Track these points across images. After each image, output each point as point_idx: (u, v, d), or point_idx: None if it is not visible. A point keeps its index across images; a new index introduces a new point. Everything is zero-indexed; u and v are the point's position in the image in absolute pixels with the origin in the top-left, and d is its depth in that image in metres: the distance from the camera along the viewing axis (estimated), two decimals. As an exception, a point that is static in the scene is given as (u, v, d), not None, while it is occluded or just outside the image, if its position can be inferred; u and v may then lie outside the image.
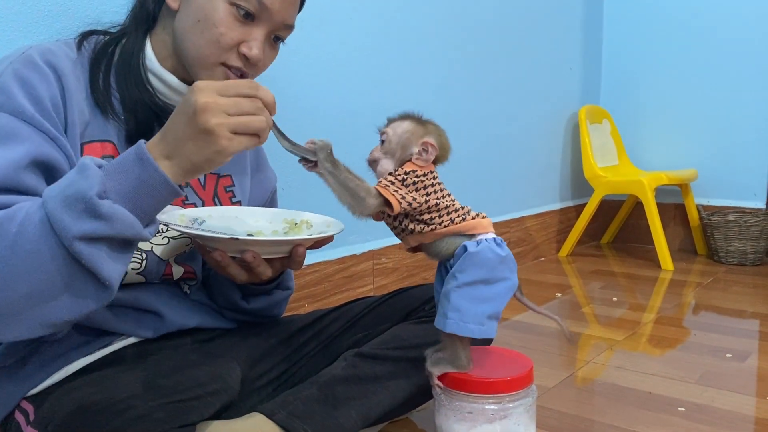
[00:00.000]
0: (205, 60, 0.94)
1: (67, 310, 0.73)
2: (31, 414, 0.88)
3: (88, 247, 0.70)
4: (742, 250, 2.52)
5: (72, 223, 0.69)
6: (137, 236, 0.74)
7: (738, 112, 2.70)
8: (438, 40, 2.08)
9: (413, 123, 0.94)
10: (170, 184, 0.75)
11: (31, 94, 0.83)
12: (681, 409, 1.23)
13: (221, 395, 0.95)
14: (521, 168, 2.57)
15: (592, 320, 1.85)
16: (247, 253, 0.89)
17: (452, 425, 0.91)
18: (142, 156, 0.74)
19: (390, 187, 0.88)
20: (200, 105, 0.73)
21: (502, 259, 0.91)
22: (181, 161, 0.76)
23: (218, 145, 0.74)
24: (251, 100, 0.77)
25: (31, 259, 0.70)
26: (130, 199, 0.74)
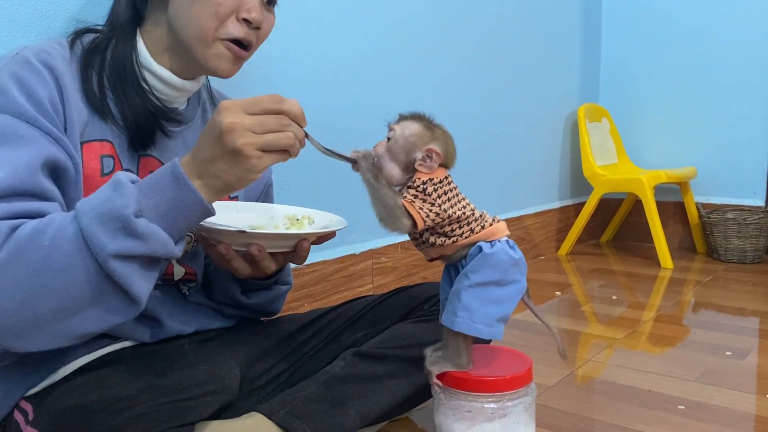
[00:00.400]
0: (205, 35, 0.94)
1: (93, 323, 0.74)
2: (30, 413, 0.88)
3: (122, 264, 0.72)
4: (741, 248, 2.52)
5: (108, 241, 0.71)
6: (169, 255, 0.76)
7: (737, 109, 2.70)
8: (437, 39, 2.08)
9: (422, 127, 0.93)
10: (205, 205, 0.77)
11: (30, 95, 0.83)
12: (681, 407, 1.23)
13: (220, 395, 0.95)
14: (520, 167, 2.56)
15: (591, 319, 1.85)
16: (253, 246, 0.90)
17: (451, 424, 0.90)
18: (178, 176, 0.75)
19: (415, 203, 0.88)
20: (226, 126, 0.75)
21: (515, 261, 0.91)
22: (212, 181, 0.77)
23: (248, 164, 0.76)
24: (277, 117, 0.78)
25: (63, 275, 0.71)
26: (165, 218, 0.75)
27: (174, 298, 1.04)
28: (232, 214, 1.03)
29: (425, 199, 0.88)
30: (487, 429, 0.89)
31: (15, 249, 0.70)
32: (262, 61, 1.51)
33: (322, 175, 1.70)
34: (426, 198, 0.88)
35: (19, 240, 0.71)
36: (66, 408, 0.84)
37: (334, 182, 1.73)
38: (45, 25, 1.09)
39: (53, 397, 0.87)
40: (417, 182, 0.89)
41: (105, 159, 0.92)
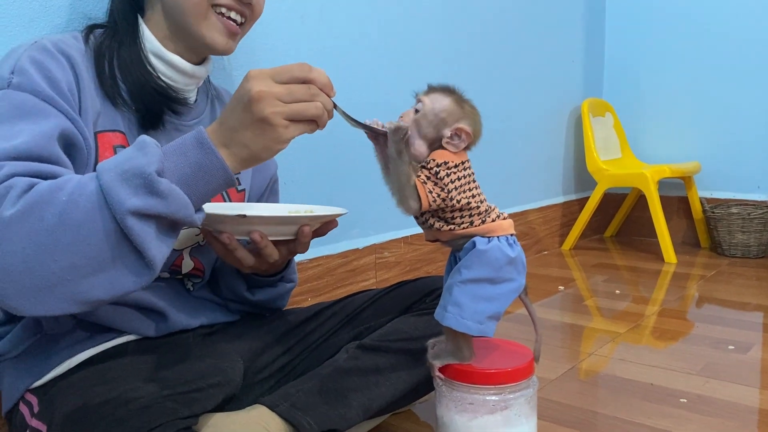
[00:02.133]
0: (199, 10, 0.95)
1: (105, 288, 0.71)
2: (35, 406, 0.89)
3: (140, 223, 0.69)
4: (745, 242, 2.52)
5: (127, 197, 0.69)
6: (188, 218, 0.73)
7: (742, 104, 2.69)
8: (440, 34, 2.07)
9: (453, 102, 0.90)
10: (227, 171, 0.75)
11: (49, 78, 0.85)
12: (683, 401, 1.23)
13: (223, 387, 0.96)
14: (524, 161, 2.56)
15: (594, 313, 1.85)
16: (254, 233, 0.89)
17: (453, 416, 0.91)
18: (202, 141, 0.74)
19: (427, 184, 0.86)
20: (254, 94, 0.74)
21: (510, 260, 0.89)
22: (238, 150, 0.76)
23: (275, 133, 0.75)
24: (305, 86, 0.77)
25: (78, 230, 0.68)
26: (187, 182, 0.73)
27: (178, 293, 1.04)
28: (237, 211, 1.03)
29: (436, 182, 0.86)
30: (488, 421, 0.89)
31: (31, 203, 0.69)
32: (264, 55, 1.51)
33: (325, 171, 1.70)
34: (437, 182, 0.86)
35: (35, 194, 0.69)
36: (70, 401, 0.84)
37: (338, 178, 1.73)
38: (49, 19, 1.09)
39: (58, 390, 0.88)
40: (431, 164, 0.87)
41: (118, 149, 0.93)
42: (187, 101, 1.03)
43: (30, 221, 0.68)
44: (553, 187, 2.77)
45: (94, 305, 0.72)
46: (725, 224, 2.54)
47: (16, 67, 0.84)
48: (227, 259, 0.97)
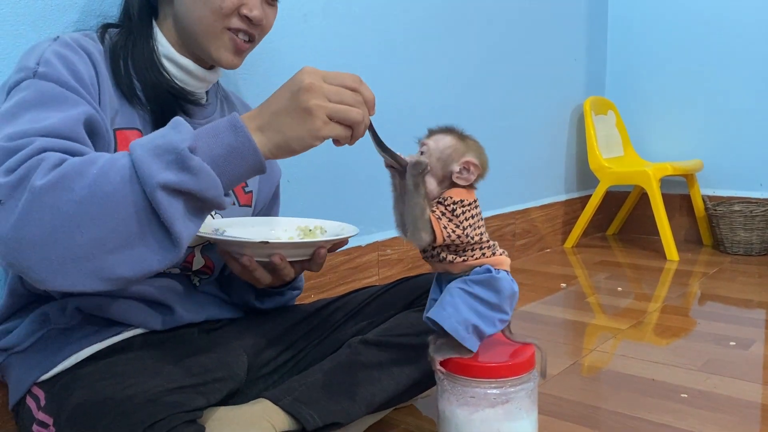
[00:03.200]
0: (210, 29, 0.98)
1: (129, 264, 0.71)
2: (42, 399, 0.90)
3: (169, 197, 0.70)
4: (747, 240, 2.52)
5: (158, 171, 0.69)
6: (217, 199, 0.74)
7: (744, 102, 2.69)
8: (443, 32, 2.08)
9: (455, 139, 0.93)
10: (258, 155, 0.76)
11: (73, 70, 0.87)
12: (684, 396, 1.24)
13: (228, 382, 0.97)
14: (526, 159, 2.57)
15: (596, 310, 1.85)
16: (275, 256, 0.92)
17: (454, 410, 0.92)
18: (236, 124, 0.76)
19: (441, 220, 0.89)
20: (306, 84, 0.76)
21: (513, 293, 0.93)
22: (274, 135, 0.77)
23: (313, 125, 0.77)
24: (353, 93, 0.80)
25: (107, 202, 0.69)
26: (218, 162, 0.74)
27: (185, 288, 1.05)
28: (248, 229, 1.07)
29: (451, 219, 0.89)
30: (489, 415, 0.90)
31: (62, 174, 0.69)
32: (267, 55, 1.52)
33: (328, 169, 1.71)
34: (452, 218, 0.89)
35: (67, 167, 0.70)
36: (76, 394, 0.86)
37: (340, 175, 1.74)
38: (55, 18, 1.10)
39: (64, 384, 0.89)
40: (448, 201, 0.90)
41: None
42: (200, 102, 1.05)
43: (60, 192, 0.69)
44: (555, 184, 2.78)
45: (119, 283, 0.72)
46: (727, 222, 2.54)
47: (41, 59, 0.86)
48: (244, 277, 0.99)
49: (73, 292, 0.91)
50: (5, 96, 0.84)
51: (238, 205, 1.11)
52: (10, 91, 0.84)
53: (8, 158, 0.72)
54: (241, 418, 0.93)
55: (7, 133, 0.75)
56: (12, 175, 0.70)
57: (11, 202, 0.69)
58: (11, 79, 0.86)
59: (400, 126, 1.90)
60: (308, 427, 0.95)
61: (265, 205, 1.21)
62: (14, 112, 0.79)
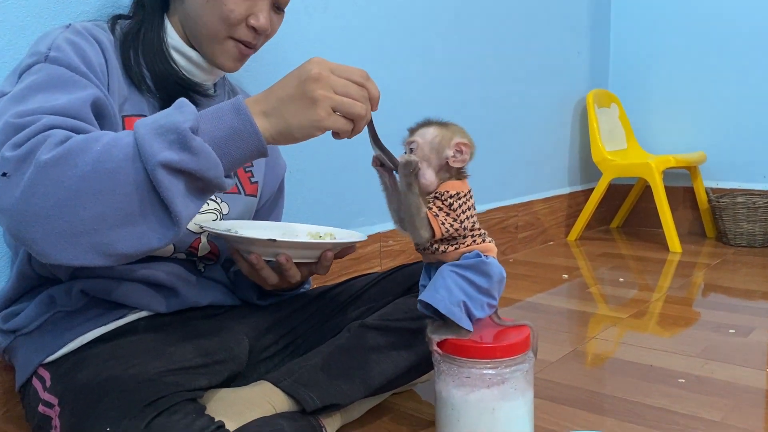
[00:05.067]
0: (216, 36, 1.00)
1: (130, 241, 0.72)
2: (48, 380, 0.92)
3: (169, 176, 0.71)
4: (750, 231, 2.52)
5: (160, 149, 0.71)
6: (217, 179, 0.75)
7: (747, 94, 2.69)
8: (446, 24, 2.09)
9: (438, 127, 0.95)
10: (260, 139, 0.77)
11: (83, 56, 0.90)
12: (681, 381, 1.25)
13: (229, 364, 0.99)
14: (529, 152, 2.58)
15: (597, 300, 1.87)
16: (281, 255, 0.94)
17: (451, 390, 0.93)
18: (239, 107, 0.77)
19: (439, 216, 0.91)
20: (314, 74, 0.78)
21: (502, 278, 0.95)
22: (277, 121, 0.78)
23: (316, 115, 0.78)
24: (359, 88, 0.81)
25: (109, 178, 0.71)
26: (219, 144, 0.75)
27: (190, 273, 1.07)
28: (261, 231, 1.09)
29: (449, 213, 0.91)
30: (485, 395, 0.91)
31: (67, 150, 0.71)
32: (270, 48, 1.53)
33: (330, 160, 1.73)
34: (450, 213, 0.91)
35: (72, 143, 0.72)
36: (81, 375, 0.88)
37: (343, 166, 1.76)
38: (58, 10, 1.12)
39: (70, 365, 0.92)
40: (444, 195, 0.92)
41: None
42: (208, 92, 1.07)
43: (64, 167, 0.71)
44: (558, 177, 2.78)
45: (119, 259, 0.74)
46: (730, 213, 2.54)
47: (53, 44, 0.89)
48: (252, 276, 1.01)
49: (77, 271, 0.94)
50: (17, 79, 0.87)
51: (243, 195, 1.13)
52: (21, 75, 0.87)
53: (16, 134, 0.74)
54: (241, 399, 0.95)
55: (17, 111, 0.77)
56: (19, 149, 0.72)
57: (17, 175, 0.71)
58: (23, 63, 0.89)
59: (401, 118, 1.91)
60: (308, 408, 0.97)
61: (270, 198, 1.23)
62: (25, 93, 0.82)
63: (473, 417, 0.92)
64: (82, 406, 0.84)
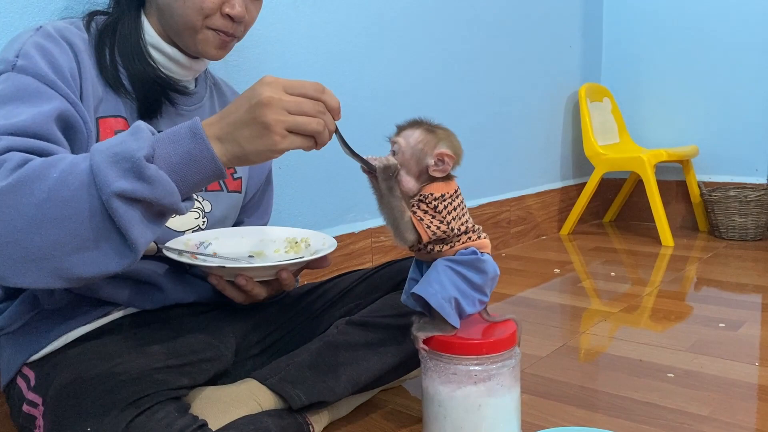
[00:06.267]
0: (191, 27, 0.98)
1: (88, 266, 0.72)
2: (32, 379, 0.92)
3: (124, 205, 0.71)
4: (742, 225, 2.53)
5: (114, 179, 0.70)
6: (174, 206, 0.74)
7: (739, 87, 2.69)
8: (437, 18, 2.09)
9: (424, 132, 0.93)
10: (217, 163, 0.76)
11: (52, 62, 0.88)
12: (670, 375, 1.25)
13: (215, 363, 0.99)
14: (522, 146, 2.58)
15: (589, 294, 1.87)
16: (239, 277, 0.94)
17: (437, 387, 0.93)
18: (196, 131, 0.76)
19: (424, 219, 0.90)
20: (264, 98, 0.75)
21: (496, 276, 0.95)
22: (232, 146, 0.77)
23: (270, 140, 0.76)
24: (314, 103, 0.79)
25: (65, 206, 0.70)
26: (176, 169, 0.75)
27: (176, 270, 1.06)
28: (237, 239, 1.09)
29: (434, 215, 0.91)
30: (472, 391, 0.91)
31: (23, 177, 0.71)
32: (257, 42, 1.53)
33: (320, 155, 1.72)
34: (435, 215, 0.91)
35: (28, 169, 0.72)
36: (65, 374, 0.87)
37: (333, 162, 1.75)
38: (43, 6, 1.11)
39: (54, 364, 0.91)
40: (429, 198, 0.91)
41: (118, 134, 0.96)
42: (187, 90, 1.06)
43: (20, 194, 0.70)
44: (551, 172, 2.78)
45: (79, 282, 0.74)
46: (723, 207, 2.55)
47: (21, 51, 0.87)
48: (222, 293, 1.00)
49: None
50: None
51: (226, 191, 1.12)
52: None
53: None
54: (227, 397, 0.95)
55: None
56: None
57: None
58: None
59: (392, 113, 1.91)
60: (294, 405, 0.97)
61: (257, 191, 1.22)
62: None
63: (460, 413, 0.92)
64: (64, 406, 0.83)
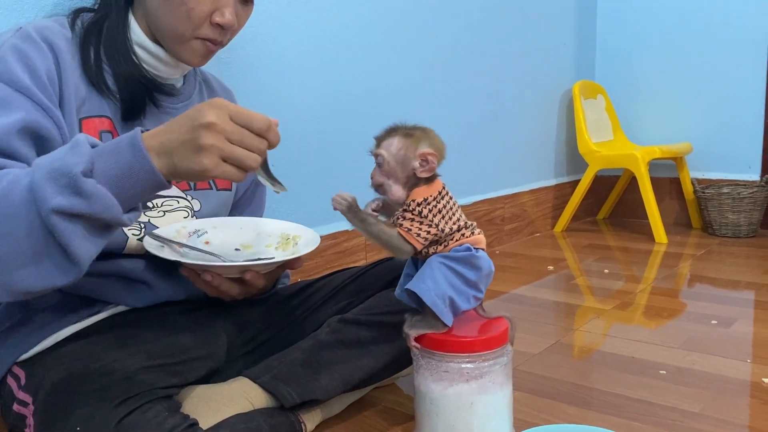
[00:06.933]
0: (180, 36, 0.96)
1: (33, 280, 0.73)
2: (23, 379, 0.91)
3: (64, 221, 0.70)
4: (735, 222, 2.53)
5: (51, 196, 0.70)
6: (114, 219, 0.74)
7: (732, 85, 2.69)
8: (431, 15, 2.08)
9: (402, 137, 0.93)
10: (156, 175, 0.75)
11: (28, 65, 0.87)
12: (662, 372, 1.26)
13: (206, 361, 0.99)
14: (516, 144, 2.58)
15: (582, 291, 1.87)
16: (205, 274, 0.94)
17: (429, 385, 0.93)
18: (135, 143, 0.75)
19: (411, 229, 0.90)
20: (207, 121, 0.74)
21: (490, 272, 0.95)
22: (167, 161, 0.75)
23: (202, 165, 0.74)
24: (258, 139, 0.77)
25: (7, 223, 0.70)
26: (115, 182, 0.74)
27: (166, 267, 1.06)
28: (235, 230, 1.09)
29: (422, 221, 0.91)
30: (464, 389, 0.91)
31: None
32: (249, 39, 1.52)
33: (314, 150, 1.72)
34: (423, 221, 0.91)
35: None
36: (55, 373, 0.87)
37: (327, 157, 1.75)
38: (33, 2, 1.11)
39: (44, 363, 0.91)
40: (412, 205, 0.91)
41: (104, 134, 0.95)
42: (173, 88, 1.05)
43: None
44: (545, 169, 2.78)
45: (27, 296, 0.74)
46: (716, 204, 2.55)
47: None
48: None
49: None
50: None
51: (215, 190, 1.11)
52: None
53: None
54: (219, 396, 0.95)
55: None
56: None
57: None
58: None
59: (385, 110, 1.91)
60: (286, 404, 0.96)
61: (249, 187, 1.22)
62: None
63: (452, 411, 0.92)
64: (54, 405, 0.83)
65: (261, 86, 1.54)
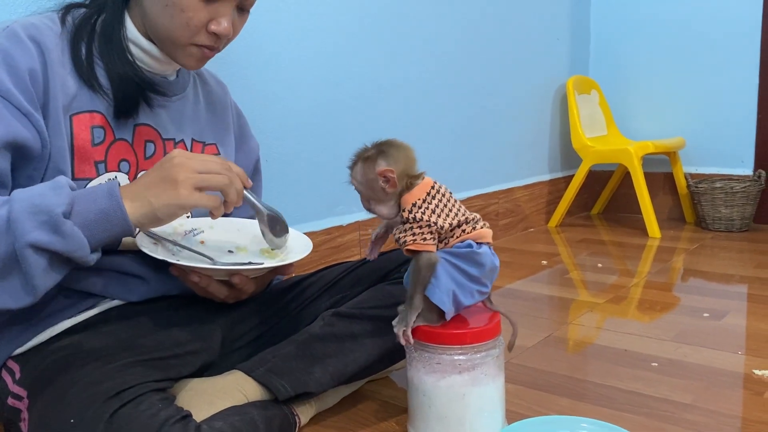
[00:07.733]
0: (177, 41, 0.96)
1: None
2: (18, 373, 0.91)
3: (35, 254, 0.76)
4: (728, 216, 2.55)
5: (31, 230, 0.75)
6: (82, 258, 0.80)
7: (725, 80, 2.70)
8: (424, 13, 2.08)
9: (362, 162, 0.95)
10: (127, 222, 0.82)
11: (11, 66, 0.86)
12: (654, 364, 1.27)
13: (201, 355, 0.99)
14: (510, 139, 2.58)
15: (576, 285, 1.88)
16: (192, 275, 0.96)
17: (422, 377, 0.94)
18: (112, 192, 0.82)
19: (417, 239, 0.91)
20: (176, 161, 0.85)
21: (494, 268, 0.96)
22: (141, 204, 0.84)
23: (178, 195, 0.84)
24: (221, 163, 0.89)
25: None
26: (89, 226, 0.80)
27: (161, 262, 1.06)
28: (232, 232, 1.11)
29: (421, 225, 0.92)
30: (456, 381, 0.92)
31: None
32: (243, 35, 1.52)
33: (309, 147, 1.72)
34: (421, 224, 0.92)
35: None
36: (49, 367, 0.87)
37: (322, 154, 1.75)
38: (24, -2, 1.11)
39: (38, 357, 0.91)
40: (406, 214, 0.93)
41: (95, 129, 0.94)
42: (167, 83, 1.04)
43: None
44: (539, 164, 2.79)
45: None
46: (709, 199, 2.57)
47: None
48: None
49: None
50: None
51: None
52: None
53: None
54: (213, 389, 0.95)
55: None
56: None
57: None
58: None
59: (380, 108, 1.91)
60: (280, 396, 0.97)
61: None
62: None
63: (444, 403, 0.93)
64: (49, 398, 0.83)
65: (255, 85, 1.54)
